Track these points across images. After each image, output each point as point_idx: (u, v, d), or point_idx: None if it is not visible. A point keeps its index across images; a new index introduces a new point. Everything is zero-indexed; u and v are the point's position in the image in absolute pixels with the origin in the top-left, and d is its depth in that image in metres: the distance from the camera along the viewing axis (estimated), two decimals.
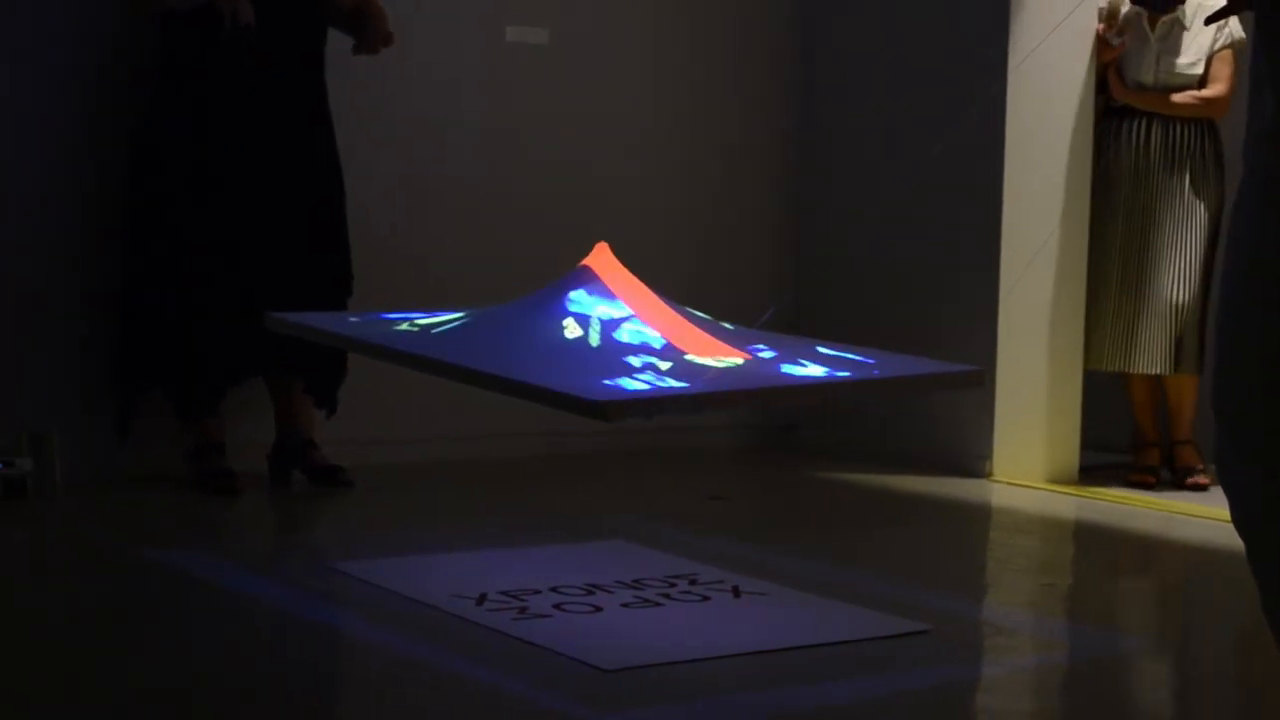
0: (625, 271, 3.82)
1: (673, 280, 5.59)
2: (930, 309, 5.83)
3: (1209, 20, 2.64)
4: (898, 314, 5.93)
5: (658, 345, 3.49)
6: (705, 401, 3.37)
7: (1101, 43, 5.60)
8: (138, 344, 4.97)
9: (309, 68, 5.05)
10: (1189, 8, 5.53)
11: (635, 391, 3.24)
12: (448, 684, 3.23)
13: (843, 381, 3.51)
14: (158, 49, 4.97)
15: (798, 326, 6.18)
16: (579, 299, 3.68)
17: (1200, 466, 5.57)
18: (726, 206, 6.26)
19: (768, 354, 3.62)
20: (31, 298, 5.05)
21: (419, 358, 3.61)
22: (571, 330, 3.54)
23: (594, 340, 3.50)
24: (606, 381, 3.29)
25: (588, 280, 3.75)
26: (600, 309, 3.66)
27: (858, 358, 3.63)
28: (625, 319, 3.62)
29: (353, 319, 4.27)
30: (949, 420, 5.70)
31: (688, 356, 3.47)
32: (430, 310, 4.08)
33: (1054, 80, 5.60)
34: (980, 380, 3.81)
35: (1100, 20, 5.66)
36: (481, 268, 5.67)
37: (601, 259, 3.84)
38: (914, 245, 5.90)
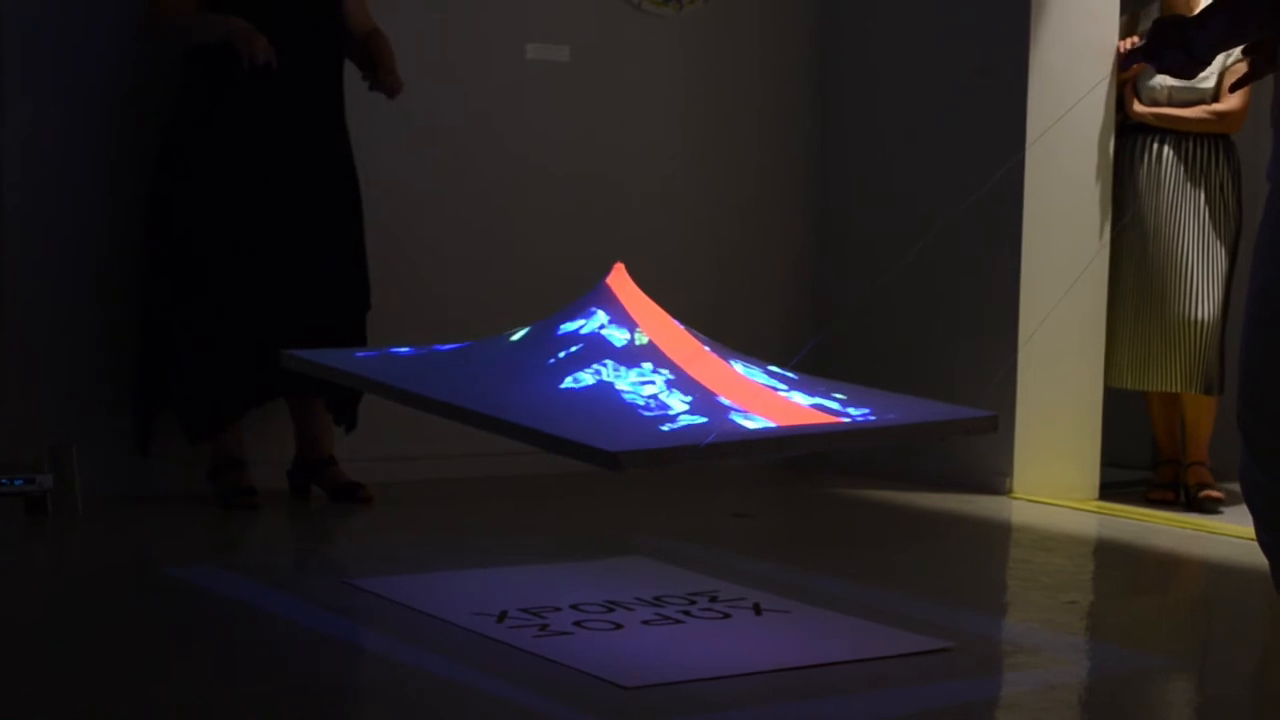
0: (642, 294, 3.83)
1: (691, 299, 5.61)
2: (950, 326, 5.82)
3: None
4: (919, 331, 5.92)
5: (669, 378, 3.49)
6: (718, 451, 3.35)
7: (1122, 60, 5.59)
8: (156, 364, 4.98)
9: (327, 85, 5.06)
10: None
11: (649, 442, 3.23)
12: (468, 701, 3.22)
13: (857, 430, 3.50)
14: (179, 74, 4.99)
15: (823, 349, 6.19)
16: (568, 327, 3.70)
17: (1213, 483, 5.54)
18: (746, 227, 6.26)
19: (788, 392, 3.61)
20: (53, 315, 5.07)
21: (433, 401, 3.62)
22: (586, 377, 3.55)
23: (627, 384, 3.50)
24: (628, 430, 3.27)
25: (606, 303, 3.76)
26: (585, 326, 3.68)
27: (861, 412, 3.60)
28: (632, 341, 3.63)
29: (369, 356, 4.30)
30: (969, 438, 5.69)
31: (703, 384, 3.48)
32: (443, 344, 4.10)
33: (1075, 98, 5.58)
34: (994, 427, 3.78)
35: (1121, 36, 5.66)
36: (496, 285, 5.68)
37: (621, 283, 3.84)
38: (935, 263, 5.88)
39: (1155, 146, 5.60)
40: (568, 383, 3.52)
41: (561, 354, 3.61)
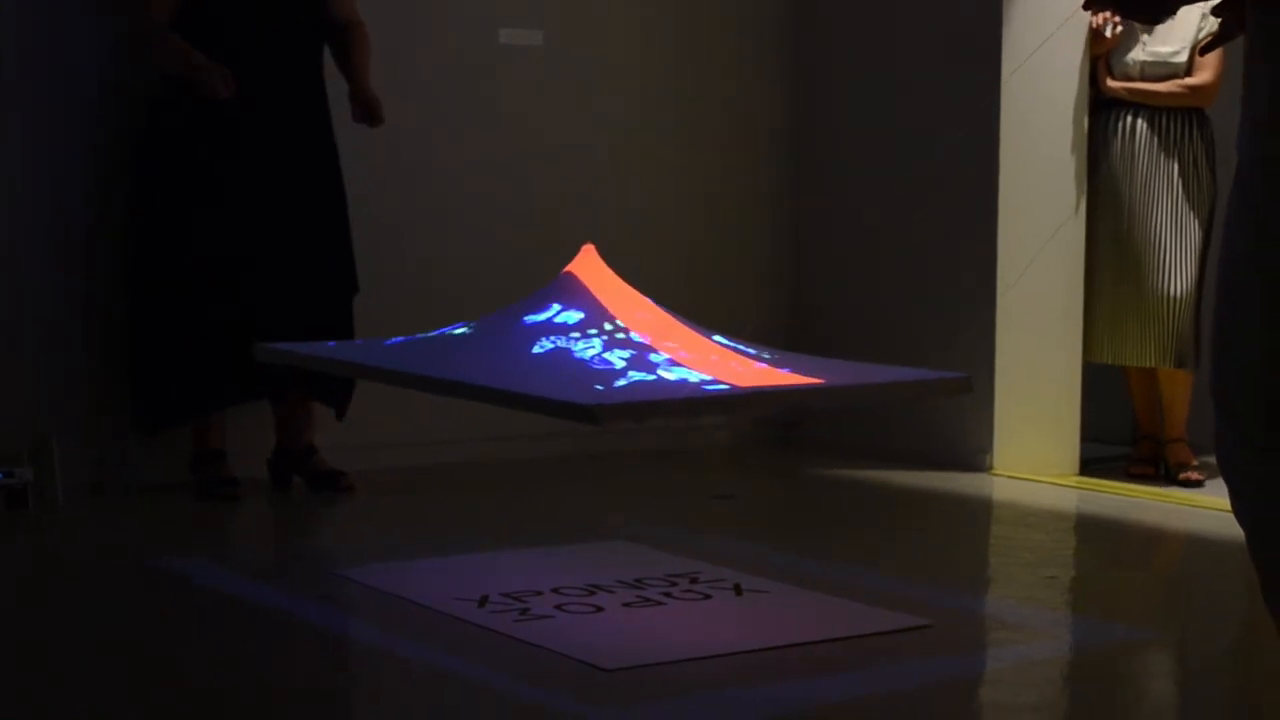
0: (611, 274, 3.84)
1: (668, 280, 5.61)
2: (929, 303, 5.83)
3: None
4: (896, 308, 5.93)
5: (633, 354, 3.52)
6: (696, 406, 3.38)
7: (1095, 34, 5.59)
8: (146, 351, 4.96)
9: (308, 71, 5.05)
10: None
11: (627, 395, 3.26)
12: (450, 685, 3.23)
13: (832, 387, 3.53)
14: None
15: (797, 322, 6.20)
16: (535, 317, 3.74)
17: (1194, 463, 5.54)
18: (722, 207, 6.26)
19: (760, 359, 3.64)
20: (31, 307, 5.05)
21: (408, 375, 3.65)
22: (546, 344, 3.60)
23: (579, 349, 3.54)
24: (598, 386, 3.32)
25: (562, 292, 3.79)
26: (562, 316, 3.71)
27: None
28: (601, 323, 3.65)
29: (337, 346, 4.34)
30: (949, 415, 5.70)
31: (655, 356, 3.50)
32: (412, 336, 4.13)
33: (1049, 73, 5.59)
34: (968, 388, 3.80)
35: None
36: (472, 269, 5.67)
37: (587, 262, 3.86)
38: (911, 239, 5.90)
39: (1129, 121, 5.60)
40: (536, 349, 3.57)
41: (535, 348, 3.64)
